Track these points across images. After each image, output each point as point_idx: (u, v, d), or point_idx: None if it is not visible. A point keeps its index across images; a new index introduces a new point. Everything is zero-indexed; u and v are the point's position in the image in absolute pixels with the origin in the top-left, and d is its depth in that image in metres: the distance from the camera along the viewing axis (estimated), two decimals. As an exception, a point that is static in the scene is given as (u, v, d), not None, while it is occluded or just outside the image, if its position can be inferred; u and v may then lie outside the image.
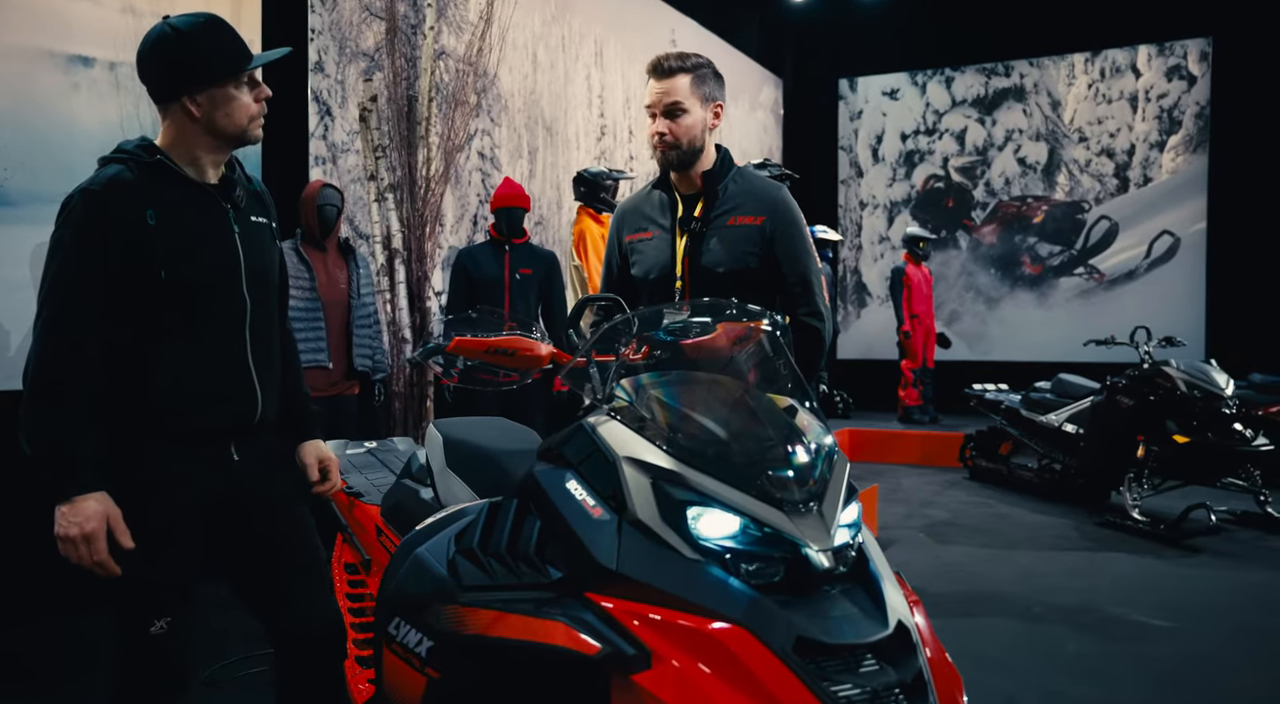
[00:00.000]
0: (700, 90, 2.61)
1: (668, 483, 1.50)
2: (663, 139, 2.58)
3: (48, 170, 4.15)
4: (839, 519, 1.52)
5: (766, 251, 2.57)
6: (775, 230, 2.58)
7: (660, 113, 2.59)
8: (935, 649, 1.51)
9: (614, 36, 8.28)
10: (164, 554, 1.84)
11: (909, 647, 1.44)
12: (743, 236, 2.57)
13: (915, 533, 5.87)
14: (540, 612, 1.48)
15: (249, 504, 2.01)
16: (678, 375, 1.76)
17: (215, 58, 1.91)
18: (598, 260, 6.01)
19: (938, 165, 11.35)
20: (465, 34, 6.46)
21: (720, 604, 1.40)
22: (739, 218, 2.58)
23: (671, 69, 2.61)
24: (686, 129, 2.58)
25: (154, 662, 1.87)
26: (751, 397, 1.72)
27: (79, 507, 1.74)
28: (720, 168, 2.63)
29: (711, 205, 2.60)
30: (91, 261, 1.81)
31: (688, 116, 2.58)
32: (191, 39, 1.90)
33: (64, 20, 4.21)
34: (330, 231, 4.60)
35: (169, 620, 1.86)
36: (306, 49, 5.39)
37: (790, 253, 2.58)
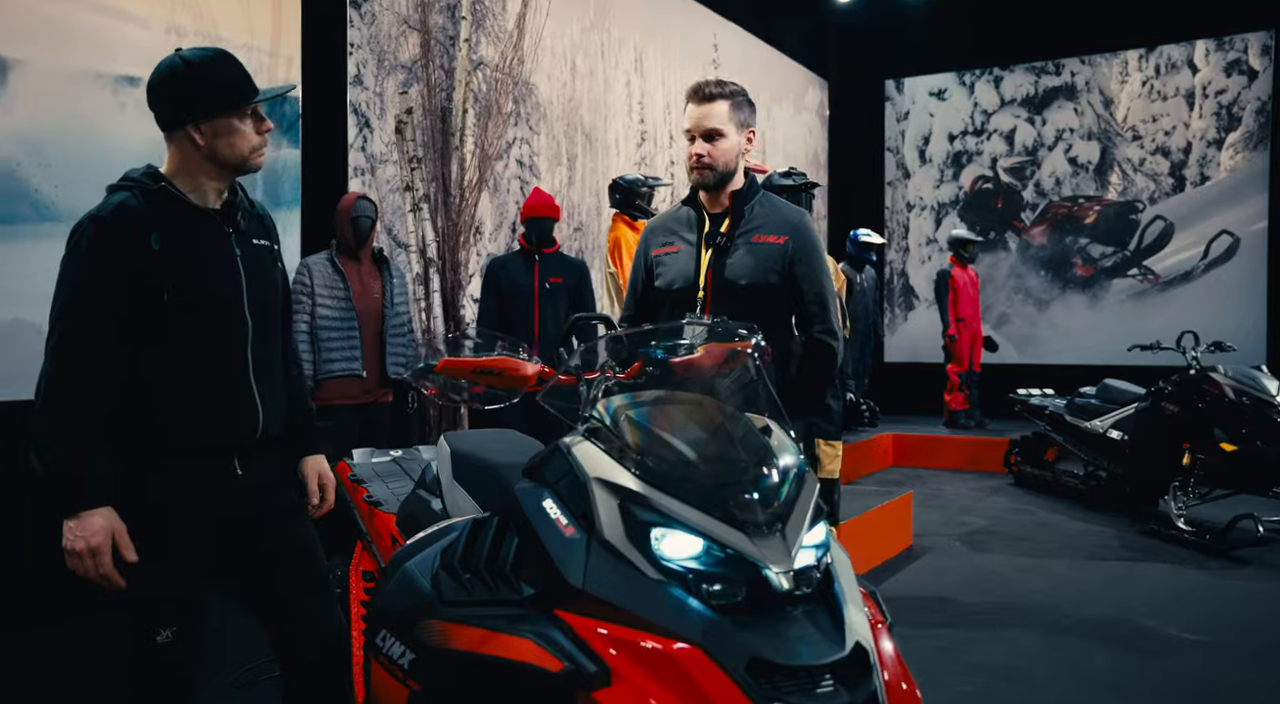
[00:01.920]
0: (737, 116, 2.69)
1: (634, 504, 1.54)
2: (701, 161, 2.67)
3: (95, 187, 4.27)
4: (802, 541, 1.55)
5: (786, 270, 2.66)
6: (796, 251, 2.66)
7: (700, 136, 2.67)
8: (896, 672, 1.53)
9: (654, 43, 8.32)
10: (168, 568, 1.93)
11: (866, 668, 1.47)
12: (766, 254, 2.65)
13: (951, 541, 5.82)
14: (511, 628, 1.53)
15: (253, 518, 2.08)
16: (653, 396, 1.79)
17: (221, 91, 1.99)
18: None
19: (986, 166, 11.19)
20: (503, 44, 6.55)
21: (678, 624, 1.44)
22: (763, 236, 2.66)
23: (712, 95, 2.69)
24: (723, 152, 2.66)
25: (161, 669, 1.95)
26: (728, 417, 1.75)
27: (86, 521, 1.83)
28: (747, 189, 2.73)
29: (738, 223, 2.69)
30: (100, 284, 1.90)
31: (725, 141, 2.67)
32: (201, 72, 1.99)
33: (111, 42, 4.37)
34: (364, 242, 4.70)
35: (174, 630, 1.94)
36: (345, 63, 5.52)
37: (809, 273, 2.67)
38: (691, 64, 8.89)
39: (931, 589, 4.74)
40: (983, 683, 3.48)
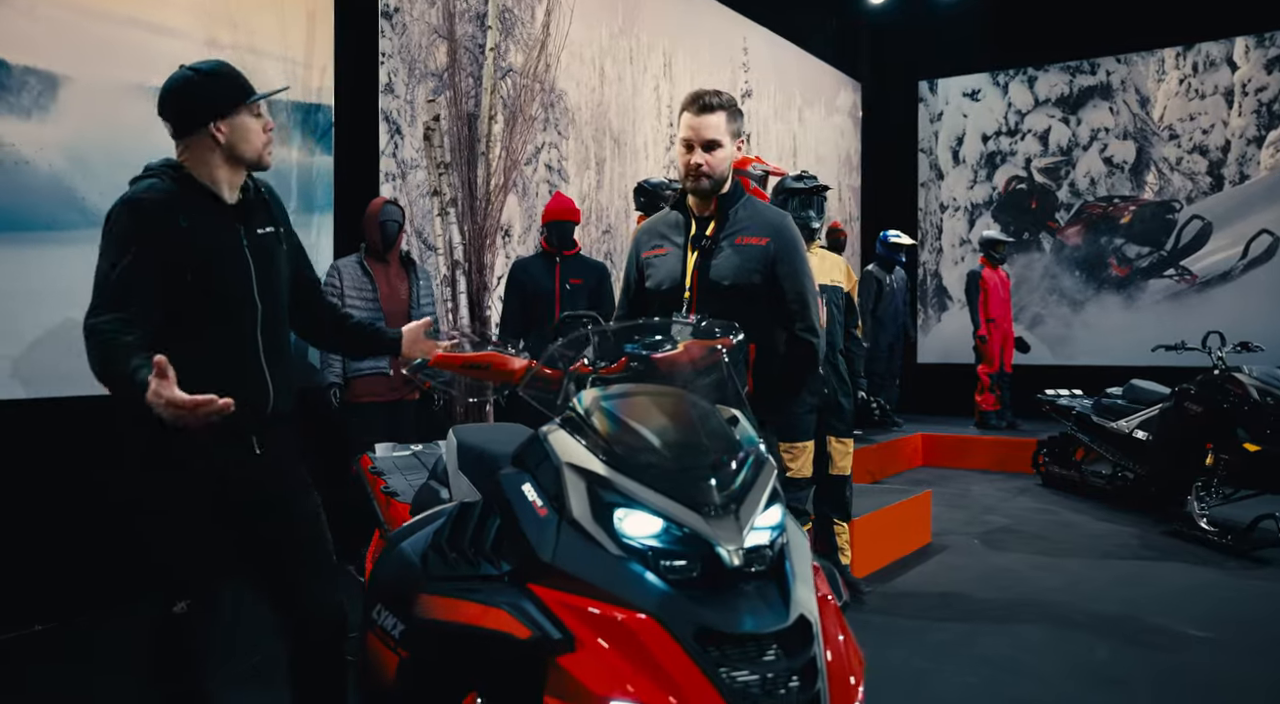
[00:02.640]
0: (732, 126, 2.79)
1: (600, 487, 1.66)
2: (699, 170, 2.75)
3: (137, 193, 4.53)
4: (754, 522, 1.66)
5: (769, 270, 2.76)
6: (778, 252, 2.75)
7: (699, 146, 2.75)
8: (837, 643, 1.63)
9: (683, 47, 8.44)
10: (187, 540, 2.09)
11: (808, 639, 1.58)
12: (749, 255, 2.74)
13: (970, 539, 5.87)
14: (488, 600, 1.66)
15: (265, 500, 2.24)
16: (627, 389, 1.91)
17: (232, 90, 2.20)
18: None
19: (1020, 166, 11.16)
20: (531, 51, 6.71)
21: (636, 596, 1.56)
22: (746, 238, 2.76)
23: (712, 106, 2.77)
24: (720, 161, 2.76)
25: (176, 637, 2.12)
26: (696, 408, 1.87)
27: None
28: (732, 193, 2.83)
29: (722, 226, 2.79)
30: (135, 259, 2.04)
31: (722, 150, 2.76)
32: (212, 77, 2.19)
33: (152, 56, 4.58)
34: (392, 246, 4.88)
35: (189, 602, 2.10)
36: (377, 72, 5.72)
37: (791, 273, 2.77)
38: (721, 68, 9.00)
39: (945, 585, 4.81)
40: (986, 674, 3.56)
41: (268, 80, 5.08)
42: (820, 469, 4.51)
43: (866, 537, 5.00)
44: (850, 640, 1.69)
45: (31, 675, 3.56)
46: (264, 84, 4.93)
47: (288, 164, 5.22)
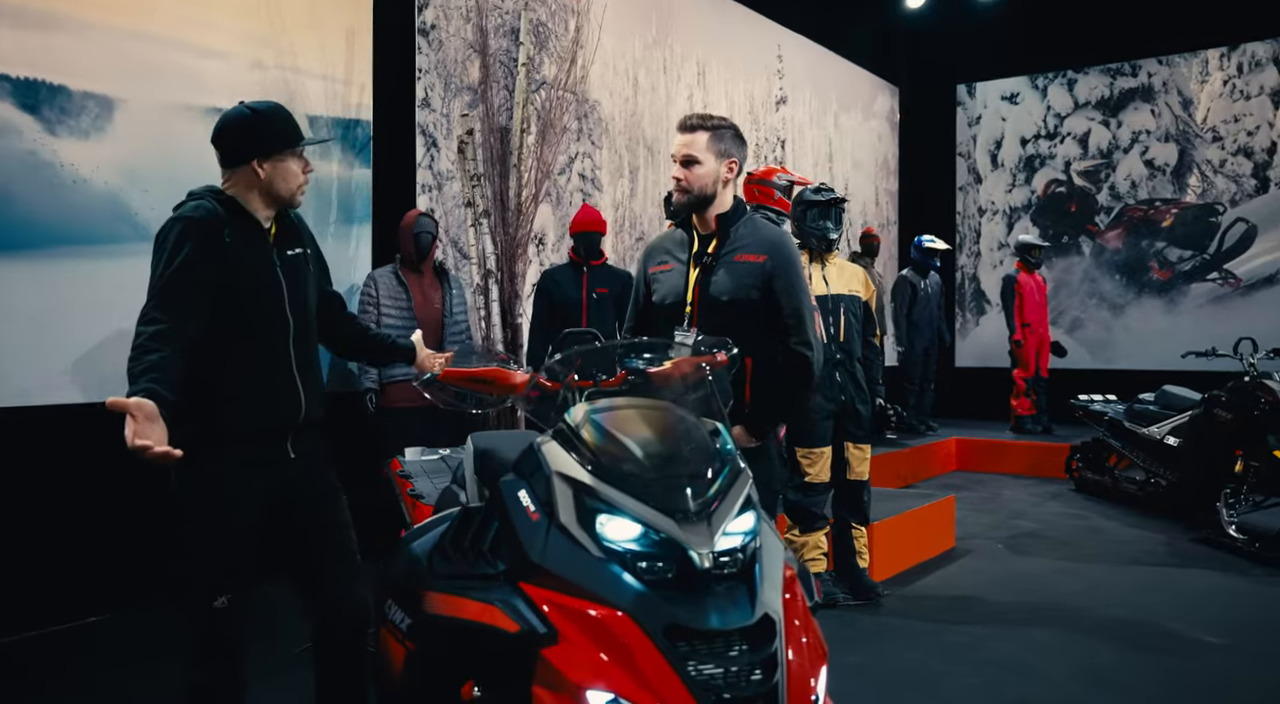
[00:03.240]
0: (716, 146, 2.92)
1: (585, 494, 1.81)
2: (679, 184, 2.92)
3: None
4: (726, 528, 1.80)
5: (766, 286, 2.88)
6: (775, 269, 2.88)
7: (680, 161, 2.91)
8: (799, 643, 1.76)
9: (717, 56, 8.57)
10: (225, 540, 2.27)
11: (771, 635, 1.71)
12: (746, 272, 2.88)
13: (994, 543, 5.93)
14: (483, 597, 1.81)
15: (296, 500, 2.42)
16: (614, 402, 2.05)
17: (281, 133, 2.37)
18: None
19: (1059, 170, 11.10)
20: (565, 64, 6.89)
21: (613, 595, 1.70)
22: (744, 255, 2.89)
23: (694, 127, 2.94)
24: (699, 177, 2.90)
25: (216, 631, 2.31)
26: (680, 421, 2.00)
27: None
28: (733, 213, 2.96)
29: (723, 244, 2.92)
30: (184, 271, 2.22)
31: (701, 167, 2.90)
32: (265, 118, 2.37)
33: (200, 78, 4.83)
34: (425, 256, 5.08)
35: (228, 598, 2.29)
36: (414, 87, 5.93)
37: (786, 289, 2.89)
38: (756, 75, 9.11)
39: (963, 589, 4.88)
40: (990, 675, 3.65)
41: (309, 98, 5.32)
42: (838, 474, 4.62)
43: (887, 540, 5.09)
44: (814, 638, 1.82)
45: (80, 666, 3.80)
46: (305, 102, 5.24)
47: (328, 177, 5.45)
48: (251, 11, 5.05)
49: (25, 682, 3.59)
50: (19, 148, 4.23)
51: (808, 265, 4.63)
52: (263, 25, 5.10)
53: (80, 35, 4.39)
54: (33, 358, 4.20)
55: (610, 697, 1.62)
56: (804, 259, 4.64)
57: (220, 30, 4.91)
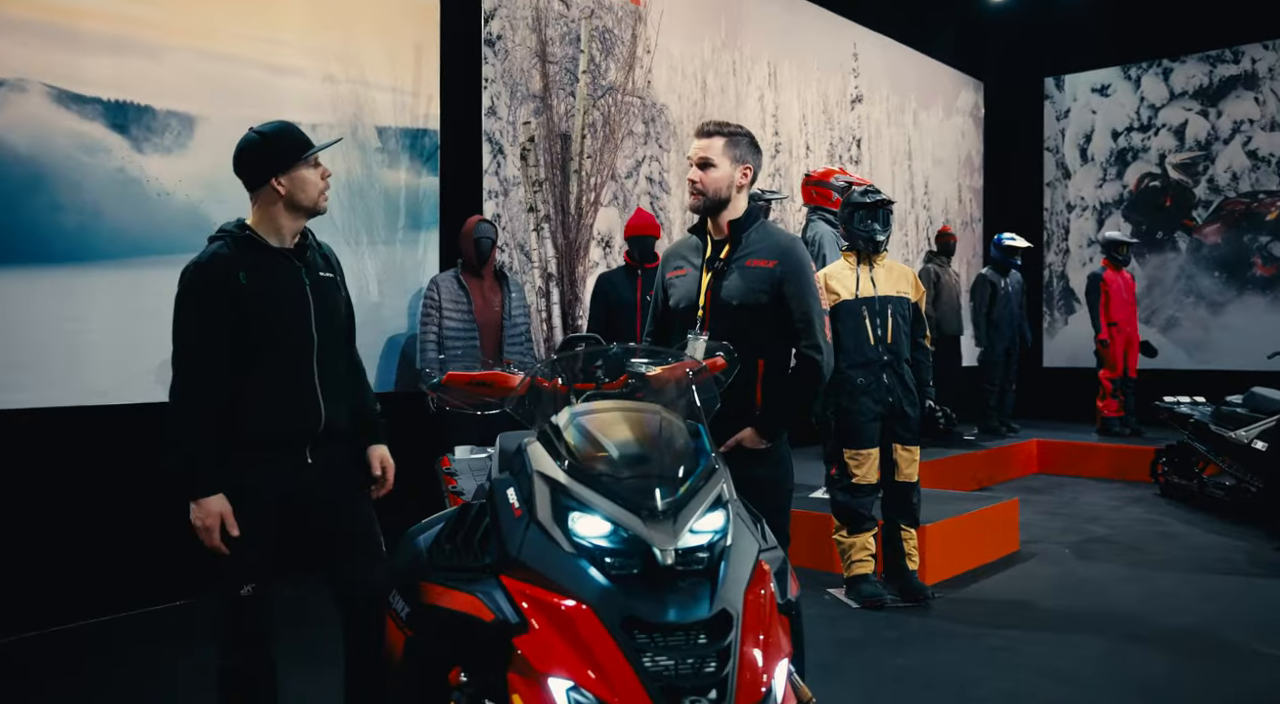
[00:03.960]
0: (731, 151, 2.99)
1: (560, 492, 1.91)
2: (694, 186, 3.00)
3: (261, 217, 5.05)
4: (693, 526, 1.87)
5: (776, 291, 2.94)
6: (785, 273, 2.94)
7: (695, 165, 2.99)
8: (756, 638, 1.81)
9: (788, 57, 8.56)
10: (250, 534, 2.45)
11: (727, 629, 1.79)
12: (756, 276, 2.94)
13: (1060, 548, 5.81)
14: (466, 587, 1.93)
15: (319, 498, 2.59)
16: (602, 405, 2.14)
17: (290, 148, 2.54)
18: (746, 277, 6.36)
19: (1153, 163, 10.72)
20: (625, 69, 7.00)
21: (578, 588, 1.80)
22: (755, 260, 2.96)
23: (710, 132, 3.03)
24: (713, 181, 2.98)
25: (243, 617, 2.50)
26: (662, 422, 2.08)
27: (204, 506, 2.39)
28: (745, 219, 3.03)
29: (735, 249, 2.99)
30: (203, 314, 2.46)
31: (716, 171, 2.97)
32: (273, 138, 2.54)
33: (275, 93, 5.11)
34: (485, 261, 5.26)
35: (254, 586, 2.48)
36: (480, 96, 6.12)
37: (796, 293, 2.94)
38: (830, 75, 9.07)
39: (1018, 593, 4.82)
40: (1023, 680, 3.62)
41: (378, 110, 5.56)
42: (887, 476, 4.62)
43: (943, 543, 5.05)
44: (775, 635, 1.88)
45: (121, 657, 4.07)
46: (374, 114, 5.48)
47: (396, 185, 5.68)
48: (323, 29, 5.31)
49: (44, 677, 3.78)
50: (109, 165, 4.56)
51: (855, 267, 4.64)
52: (333, 41, 5.35)
53: (163, 58, 4.70)
54: (115, 359, 4.51)
55: (570, 684, 1.72)
56: (851, 261, 4.67)
57: (292, 47, 5.18)
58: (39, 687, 3.65)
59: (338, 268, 2.75)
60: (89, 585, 4.42)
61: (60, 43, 4.39)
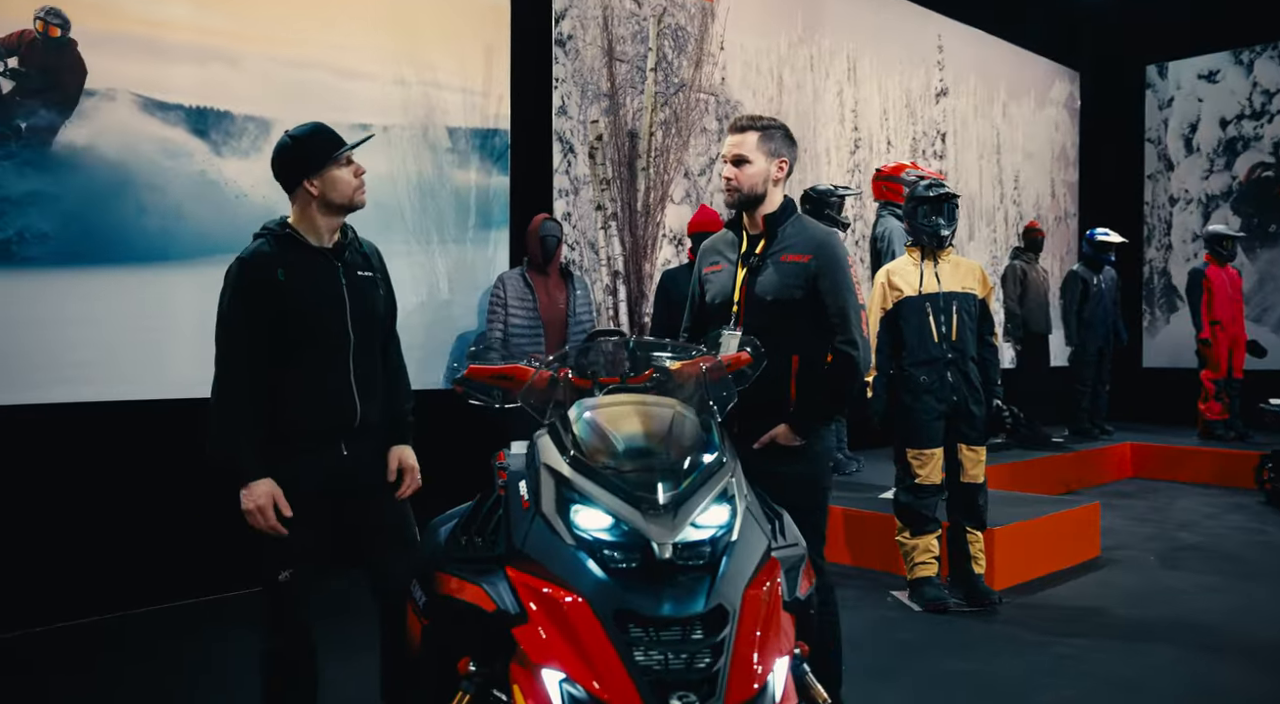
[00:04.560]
0: (766, 146, 2.96)
1: (564, 485, 1.92)
2: (729, 183, 2.97)
3: (334, 217, 5.20)
4: (694, 520, 1.85)
5: (811, 286, 2.89)
6: (820, 268, 2.89)
7: (730, 161, 2.96)
8: (751, 635, 1.77)
9: (869, 50, 8.41)
10: (287, 523, 2.53)
11: (722, 624, 1.76)
12: (791, 271, 2.90)
13: (1146, 555, 5.57)
14: (474, 578, 1.95)
15: (354, 491, 2.65)
16: (613, 399, 2.14)
17: (320, 150, 2.60)
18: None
19: (1266, 152, 10.15)
20: (696, 66, 6.98)
21: (575, 580, 1.80)
22: (790, 255, 2.92)
23: (743, 127, 2.99)
24: (749, 177, 2.94)
25: (283, 601, 2.57)
26: (673, 416, 2.07)
27: (254, 490, 2.47)
28: (781, 213, 2.98)
29: (770, 244, 2.95)
30: (245, 309, 2.54)
31: (751, 166, 2.94)
32: (304, 141, 2.61)
33: (346, 96, 5.26)
34: (551, 258, 5.31)
35: (292, 572, 2.55)
36: (551, 96, 6.18)
37: (831, 288, 2.89)
38: (913, 68, 8.88)
39: (1092, 600, 4.63)
40: (1087, 689, 3.48)
41: (448, 111, 5.67)
42: (952, 477, 4.50)
43: (1015, 546, 4.90)
44: (776, 632, 1.84)
45: (159, 647, 4.18)
46: (445, 115, 5.59)
47: (467, 185, 5.79)
48: (394, 33, 5.43)
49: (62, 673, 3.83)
50: (191, 169, 4.76)
51: (919, 263, 4.53)
52: (404, 45, 5.47)
53: (242, 66, 4.88)
54: (195, 353, 4.70)
55: (562, 676, 1.72)
56: (915, 256, 4.56)
57: (363, 51, 5.31)
58: (68, 678, 3.76)
59: (379, 266, 2.81)
60: (158, 573, 4.58)
61: (146, 54, 4.60)
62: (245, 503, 2.48)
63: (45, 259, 4.36)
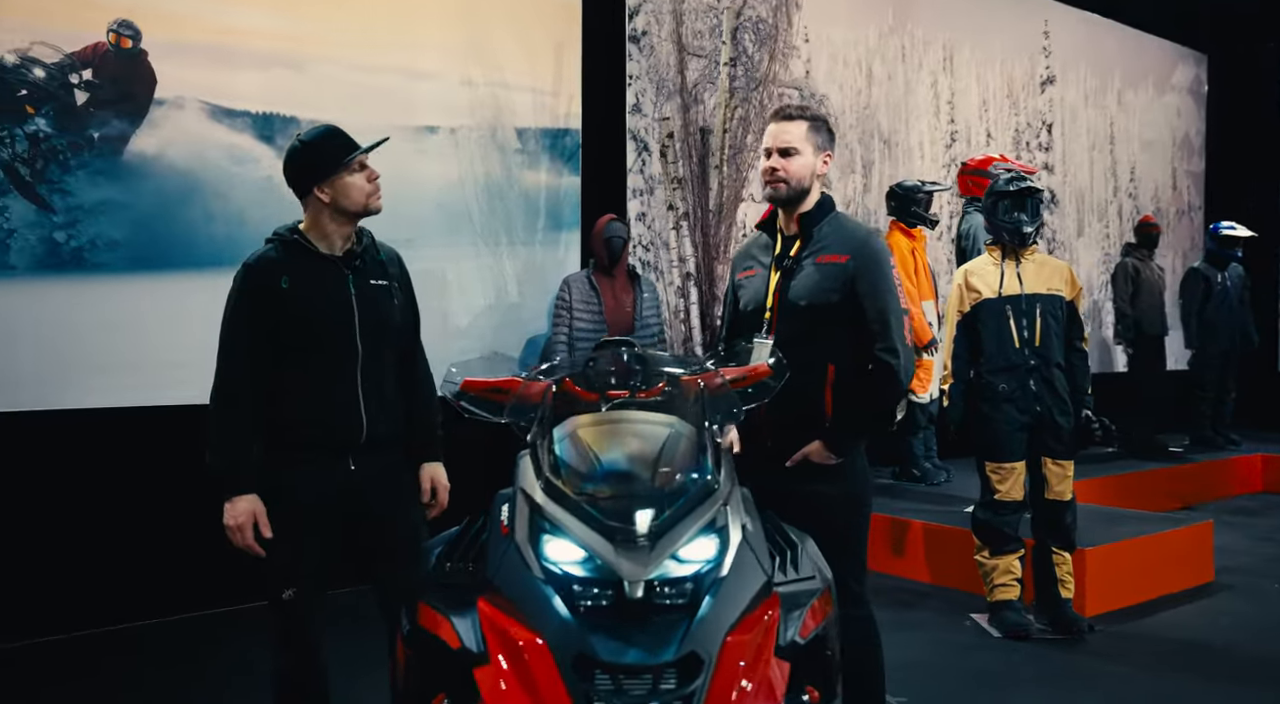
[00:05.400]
0: (814, 138, 2.74)
1: (537, 513, 1.75)
2: (775, 174, 2.74)
3: (397, 222, 5.10)
4: (675, 553, 1.66)
5: (848, 289, 2.65)
6: (858, 269, 2.66)
7: (776, 152, 2.74)
8: (731, 683, 1.57)
9: (967, 39, 7.99)
10: (287, 539, 2.45)
11: (696, 673, 1.57)
12: (827, 274, 2.67)
13: (1267, 581, 5.07)
14: (444, 609, 1.80)
15: (364, 506, 2.54)
16: (603, 415, 1.97)
17: (329, 157, 2.49)
18: (904, 274, 5.96)
19: None
20: (776, 60, 6.73)
21: (538, 619, 1.63)
22: (826, 256, 2.69)
23: (791, 115, 2.77)
24: (797, 169, 2.72)
25: (289, 620, 2.49)
26: (672, 435, 1.88)
27: (236, 505, 2.41)
28: (817, 211, 2.76)
29: (805, 245, 2.73)
30: (246, 316, 2.47)
31: (799, 157, 2.72)
32: (313, 146, 2.51)
33: (412, 98, 5.22)
34: (617, 260, 5.16)
35: (295, 591, 2.46)
36: (624, 93, 6.04)
37: (871, 291, 2.65)
38: (1016, 56, 8.40)
39: (1196, 632, 4.22)
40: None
41: (516, 111, 5.58)
42: (1036, 493, 4.17)
43: (1110, 569, 4.51)
44: (763, 681, 1.64)
45: (168, 659, 4.09)
46: (513, 115, 5.49)
47: (536, 186, 5.69)
48: (461, 33, 5.38)
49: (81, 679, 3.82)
50: (257, 175, 4.79)
51: (1000, 262, 4.20)
52: (470, 44, 5.41)
53: (307, 70, 4.90)
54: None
55: (516, 726, 1.57)
56: (996, 255, 4.24)
57: (429, 50, 5.27)
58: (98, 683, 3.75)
59: (398, 274, 2.69)
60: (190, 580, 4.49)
61: (213, 61, 4.65)
62: (225, 518, 2.40)
63: (116, 265, 4.44)
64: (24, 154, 4.26)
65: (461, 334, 5.42)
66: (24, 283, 4.26)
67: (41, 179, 4.30)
